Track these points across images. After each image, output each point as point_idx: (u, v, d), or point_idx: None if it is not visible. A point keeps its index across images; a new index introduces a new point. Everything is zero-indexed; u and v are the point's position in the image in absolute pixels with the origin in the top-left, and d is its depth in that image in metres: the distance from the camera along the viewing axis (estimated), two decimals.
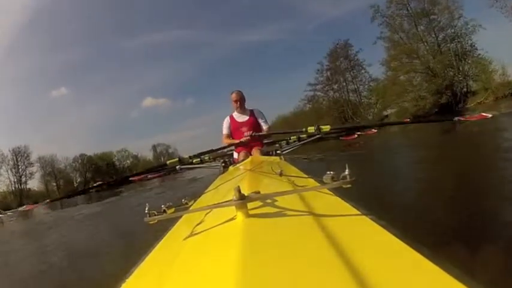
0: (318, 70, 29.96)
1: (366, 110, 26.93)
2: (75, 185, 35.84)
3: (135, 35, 57.34)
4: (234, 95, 2.53)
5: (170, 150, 41.87)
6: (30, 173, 33.37)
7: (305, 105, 32.51)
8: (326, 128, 2.47)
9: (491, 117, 2.53)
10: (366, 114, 26.59)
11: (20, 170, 32.69)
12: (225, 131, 2.57)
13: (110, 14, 51.31)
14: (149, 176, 5.45)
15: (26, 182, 33.25)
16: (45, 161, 34.79)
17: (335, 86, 29.42)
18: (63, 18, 50.82)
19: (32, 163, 33.50)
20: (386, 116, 24.32)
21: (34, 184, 34.69)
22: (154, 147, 42.02)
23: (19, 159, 32.62)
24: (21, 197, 31.22)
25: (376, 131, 5.72)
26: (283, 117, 33.72)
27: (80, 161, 37.38)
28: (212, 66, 52.64)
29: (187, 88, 57.25)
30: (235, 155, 2.54)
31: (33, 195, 32.16)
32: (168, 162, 2.86)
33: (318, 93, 30.21)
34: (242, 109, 2.57)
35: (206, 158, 2.78)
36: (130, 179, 4.69)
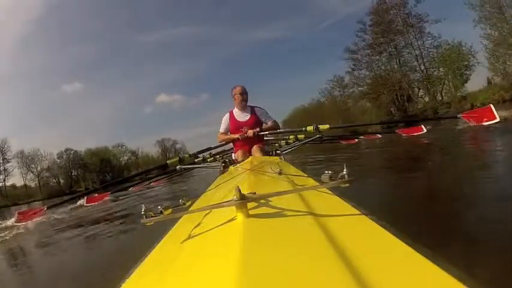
0: (359, 30, 26.84)
1: (434, 87, 24.41)
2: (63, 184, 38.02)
3: (150, 31, 65.26)
4: (239, 88, 2.78)
5: (178, 146, 44.48)
6: (4, 169, 35.79)
7: (333, 89, 30.04)
8: (325, 126, 2.79)
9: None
10: (434, 93, 24.45)
11: None
12: (222, 128, 2.87)
13: (124, 9, 58.35)
14: (152, 184, 5.98)
15: (4, 180, 35.79)
16: (25, 157, 37.10)
17: (384, 56, 25.71)
18: (76, 13, 58.05)
19: (6, 159, 35.89)
20: (465, 97, 21.90)
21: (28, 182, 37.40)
22: (160, 143, 44.37)
23: None
24: None
25: (381, 136, 5.46)
26: (303, 109, 32.69)
27: (64, 156, 39.32)
28: (225, 64, 59.56)
29: (202, 85, 66.01)
30: (234, 155, 2.80)
31: (14, 194, 34.71)
32: (168, 162, 3.23)
33: (358, 63, 27.14)
34: (244, 106, 2.82)
35: (207, 156, 3.14)
36: (130, 189, 5.03)
